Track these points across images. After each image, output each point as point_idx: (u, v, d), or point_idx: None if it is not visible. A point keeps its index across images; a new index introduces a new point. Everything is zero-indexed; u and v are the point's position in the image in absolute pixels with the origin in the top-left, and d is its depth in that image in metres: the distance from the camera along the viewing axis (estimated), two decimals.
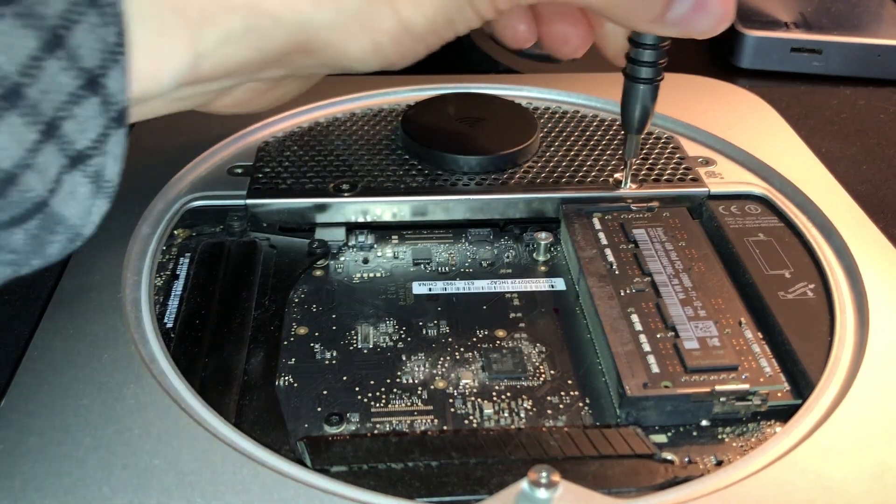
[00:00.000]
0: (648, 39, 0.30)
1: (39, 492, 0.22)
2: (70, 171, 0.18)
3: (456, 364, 0.29)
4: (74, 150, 0.18)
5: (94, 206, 0.19)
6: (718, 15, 0.27)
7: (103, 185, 0.19)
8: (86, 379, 0.25)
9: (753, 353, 0.27)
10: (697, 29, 0.27)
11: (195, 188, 0.35)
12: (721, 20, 0.27)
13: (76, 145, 0.18)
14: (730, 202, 0.35)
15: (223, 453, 0.23)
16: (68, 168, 0.18)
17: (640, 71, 0.30)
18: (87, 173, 0.19)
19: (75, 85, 0.18)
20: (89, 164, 0.19)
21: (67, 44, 0.18)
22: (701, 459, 0.25)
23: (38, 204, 0.18)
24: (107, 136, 0.19)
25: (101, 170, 0.19)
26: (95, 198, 0.19)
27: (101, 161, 0.19)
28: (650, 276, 0.30)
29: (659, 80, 0.31)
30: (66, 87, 0.18)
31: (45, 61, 0.17)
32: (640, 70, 0.30)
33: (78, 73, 0.18)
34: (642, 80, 0.31)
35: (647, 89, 0.31)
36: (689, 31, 0.27)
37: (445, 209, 0.35)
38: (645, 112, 0.32)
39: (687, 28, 0.27)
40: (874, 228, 0.33)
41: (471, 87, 0.43)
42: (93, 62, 0.18)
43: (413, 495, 0.23)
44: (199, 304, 0.30)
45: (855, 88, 0.52)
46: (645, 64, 0.30)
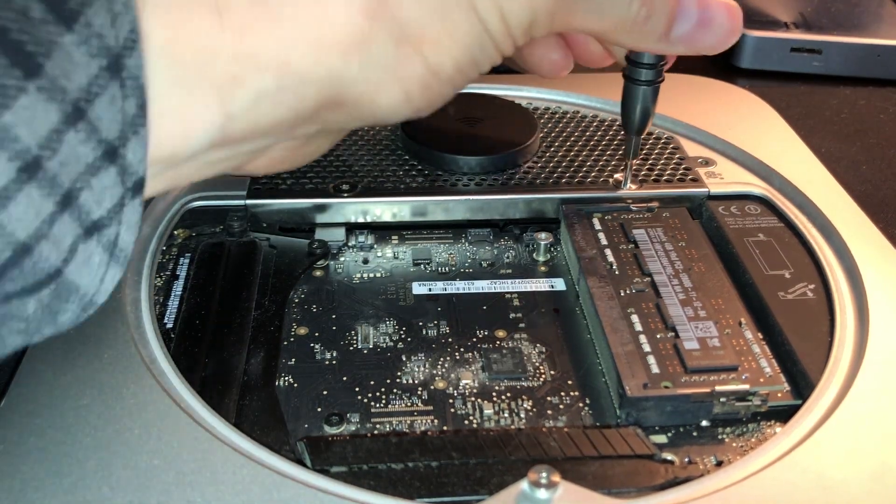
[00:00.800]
0: None
1: (39, 492, 0.22)
2: (85, 241, 0.18)
3: (456, 364, 0.29)
4: (90, 220, 0.18)
5: (107, 274, 0.19)
6: (725, 29, 0.27)
7: (117, 253, 0.19)
8: (86, 379, 0.25)
9: (753, 354, 0.27)
10: (704, 45, 0.27)
11: (195, 188, 0.35)
12: (728, 35, 0.27)
13: (92, 215, 0.18)
14: (730, 202, 0.35)
15: (223, 453, 0.23)
16: (83, 238, 0.18)
17: (640, 73, 0.30)
18: (102, 242, 0.19)
19: (94, 156, 0.18)
20: (104, 233, 0.19)
21: (88, 116, 0.17)
22: (701, 460, 0.25)
23: (51, 274, 0.18)
24: (122, 205, 0.19)
25: (115, 239, 0.19)
26: (109, 266, 0.19)
27: (116, 230, 0.19)
28: (650, 277, 0.30)
29: (659, 82, 0.31)
30: (85, 158, 0.18)
31: (66, 134, 0.17)
32: (640, 72, 0.30)
33: (97, 144, 0.18)
34: (642, 82, 0.31)
35: (647, 91, 0.31)
36: (696, 48, 0.27)
37: (445, 209, 0.35)
38: (645, 113, 0.32)
39: (693, 45, 0.27)
40: (874, 228, 0.33)
41: (471, 87, 0.43)
42: (112, 133, 0.18)
43: (413, 495, 0.23)
44: (199, 304, 0.30)
45: (855, 88, 0.52)
46: (645, 66, 0.30)
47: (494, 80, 0.44)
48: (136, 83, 0.18)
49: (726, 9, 0.27)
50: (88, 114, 0.17)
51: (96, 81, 0.17)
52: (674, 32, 0.27)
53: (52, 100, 0.17)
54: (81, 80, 0.17)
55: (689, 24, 0.27)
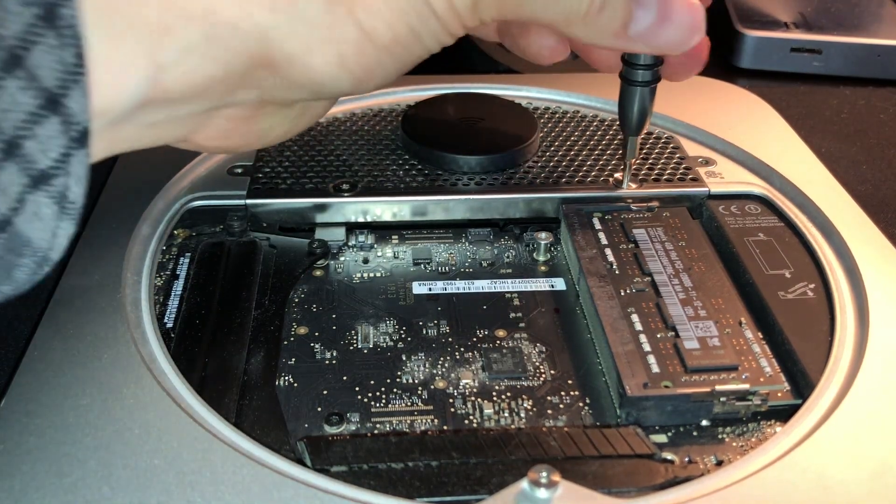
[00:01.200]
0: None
1: (39, 492, 0.22)
2: (33, 192, 0.19)
3: (456, 364, 0.29)
4: (37, 169, 0.18)
5: (59, 227, 0.19)
6: (686, 25, 0.26)
7: (67, 206, 0.19)
8: (86, 379, 0.25)
9: (753, 353, 0.27)
10: (664, 43, 0.26)
11: (195, 188, 0.35)
12: (690, 31, 0.26)
13: (38, 165, 0.18)
14: (730, 202, 0.35)
15: (223, 453, 0.23)
16: (31, 188, 0.18)
17: (637, 74, 0.30)
18: (51, 194, 0.19)
19: (35, 104, 0.18)
20: (52, 183, 0.19)
21: (26, 64, 0.18)
22: (701, 459, 0.25)
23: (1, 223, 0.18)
24: (69, 156, 0.19)
25: (64, 191, 0.19)
26: (60, 220, 0.19)
27: (65, 182, 0.19)
28: (650, 276, 0.30)
29: (656, 83, 0.31)
30: (26, 106, 0.18)
31: (4, 80, 0.17)
32: (636, 73, 0.30)
33: (38, 92, 0.18)
34: (639, 83, 0.31)
35: (644, 91, 0.31)
36: (655, 45, 0.26)
37: (445, 209, 0.35)
38: (642, 114, 0.32)
39: (652, 43, 0.26)
40: (874, 228, 0.33)
41: (471, 87, 0.43)
42: (52, 82, 0.18)
43: (413, 495, 0.23)
44: (199, 304, 0.30)
45: (855, 88, 0.52)
46: (641, 67, 0.30)
47: (494, 80, 0.44)
48: (73, 32, 0.18)
49: (688, 5, 0.26)
50: (26, 61, 0.18)
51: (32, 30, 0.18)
52: (632, 28, 0.25)
53: None
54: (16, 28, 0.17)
55: (648, 19, 0.25)
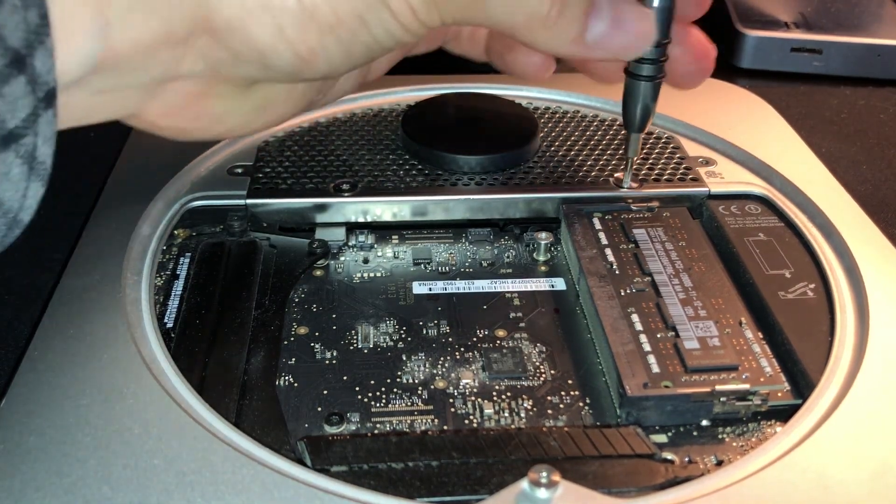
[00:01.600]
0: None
1: (39, 492, 0.22)
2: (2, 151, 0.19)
3: (456, 364, 0.29)
4: (5, 128, 0.19)
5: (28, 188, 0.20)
6: (636, 32, 0.27)
7: (37, 166, 0.20)
8: (86, 379, 0.25)
9: (753, 353, 0.27)
10: (618, 47, 0.27)
11: (195, 188, 0.35)
12: (641, 38, 0.27)
13: (7, 124, 0.19)
14: (730, 202, 0.35)
15: (223, 453, 0.23)
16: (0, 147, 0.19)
17: (642, 68, 0.30)
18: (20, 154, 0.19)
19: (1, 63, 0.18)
20: (21, 143, 0.19)
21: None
22: (701, 459, 0.25)
23: None
24: (37, 115, 0.19)
25: (33, 150, 0.19)
26: (30, 180, 0.20)
27: (33, 141, 0.19)
28: (650, 276, 0.30)
29: (661, 78, 0.31)
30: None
31: None
32: (641, 67, 0.30)
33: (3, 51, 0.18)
34: (643, 77, 0.31)
35: (648, 87, 0.31)
36: (610, 51, 0.27)
37: (445, 209, 0.35)
38: (646, 110, 0.32)
39: (608, 48, 0.27)
40: (874, 228, 0.33)
41: (471, 87, 0.43)
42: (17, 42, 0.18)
43: (413, 495, 0.23)
44: (199, 303, 0.30)
45: (855, 88, 0.52)
46: (646, 61, 0.30)
47: (494, 80, 0.44)
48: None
49: (638, 13, 0.27)
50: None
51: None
52: (588, 34, 0.26)
53: None
54: None
55: (603, 25, 0.26)
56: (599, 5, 0.26)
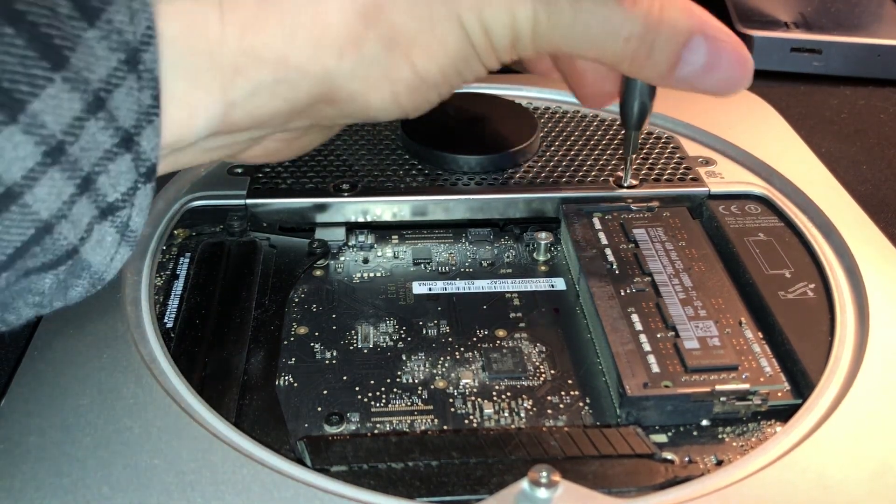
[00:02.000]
0: None
1: (39, 492, 0.22)
2: (100, 222, 0.20)
3: (456, 364, 0.29)
4: (106, 202, 0.20)
5: (117, 253, 0.21)
6: (733, 74, 0.26)
7: (128, 234, 0.21)
8: (86, 379, 0.25)
9: (753, 353, 0.27)
10: (708, 88, 0.26)
11: (195, 188, 0.35)
12: (737, 80, 0.26)
13: (108, 198, 0.20)
14: (730, 202, 0.35)
15: (223, 453, 0.23)
16: (99, 219, 0.20)
17: None
18: (116, 224, 0.20)
19: (112, 143, 0.19)
20: (118, 215, 0.20)
21: (107, 106, 0.19)
22: (701, 459, 0.25)
23: (69, 252, 0.20)
24: (136, 189, 0.20)
25: (127, 220, 0.21)
26: (120, 246, 0.21)
27: (129, 213, 0.21)
28: (650, 276, 0.30)
29: None
30: (104, 144, 0.19)
31: (87, 121, 0.19)
32: None
33: (115, 132, 0.19)
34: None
35: (645, 85, 0.31)
36: (699, 89, 0.27)
37: (445, 209, 0.35)
38: (643, 108, 0.31)
39: (697, 87, 0.26)
40: (874, 228, 0.33)
41: (471, 87, 0.43)
42: (129, 122, 0.20)
43: (413, 495, 0.23)
44: (199, 303, 0.30)
45: (855, 88, 0.52)
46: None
47: (494, 80, 0.44)
48: (152, 76, 0.20)
49: (737, 56, 0.26)
50: (108, 103, 0.19)
51: (115, 74, 0.19)
52: (678, 72, 0.26)
53: (75, 90, 0.18)
54: (102, 73, 0.19)
55: (696, 66, 0.26)
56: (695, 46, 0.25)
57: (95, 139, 0.19)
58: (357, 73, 0.23)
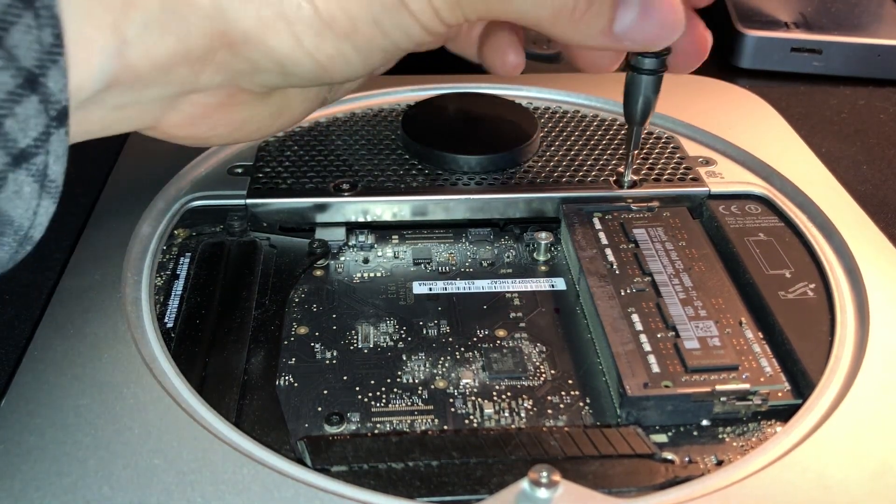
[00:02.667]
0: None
1: (39, 492, 0.22)
2: (14, 170, 0.19)
3: (456, 364, 0.29)
4: (17, 148, 0.19)
5: (39, 206, 0.20)
6: (666, 21, 0.26)
7: (48, 184, 0.20)
8: (86, 379, 0.25)
9: (754, 353, 0.27)
10: (647, 38, 0.26)
11: (195, 188, 0.35)
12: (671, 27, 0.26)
13: (19, 143, 0.19)
14: (730, 202, 0.35)
15: (223, 453, 0.23)
16: (11, 166, 0.19)
17: (644, 62, 0.30)
18: (32, 172, 0.19)
19: (14, 84, 0.18)
20: (33, 162, 0.19)
21: (4, 44, 0.18)
22: (701, 459, 0.25)
23: None
24: (48, 134, 0.19)
25: (44, 169, 0.19)
26: (41, 198, 0.20)
27: (44, 160, 0.19)
28: (650, 276, 0.30)
29: (662, 71, 0.31)
30: (5, 85, 0.18)
31: None
32: (643, 61, 0.30)
33: (16, 72, 0.18)
34: (646, 70, 0.31)
35: (650, 80, 0.31)
36: (639, 42, 0.27)
37: (445, 209, 0.35)
38: (647, 104, 0.31)
39: (637, 39, 0.26)
40: (874, 228, 0.33)
41: (471, 87, 0.43)
42: (30, 62, 0.18)
43: (413, 495, 0.23)
44: (199, 303, 0.30)
45: (855, 88, 0.52)
46: (649, 54, 0.30)
47: (495, 80, 0.44)
48: (50, 12, 0.19)
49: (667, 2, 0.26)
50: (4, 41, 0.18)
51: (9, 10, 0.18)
52: (616, 26, 0.26)
53: None
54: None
55: (632, 15, 0.26)
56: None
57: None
58: (249, 7, 0.22)
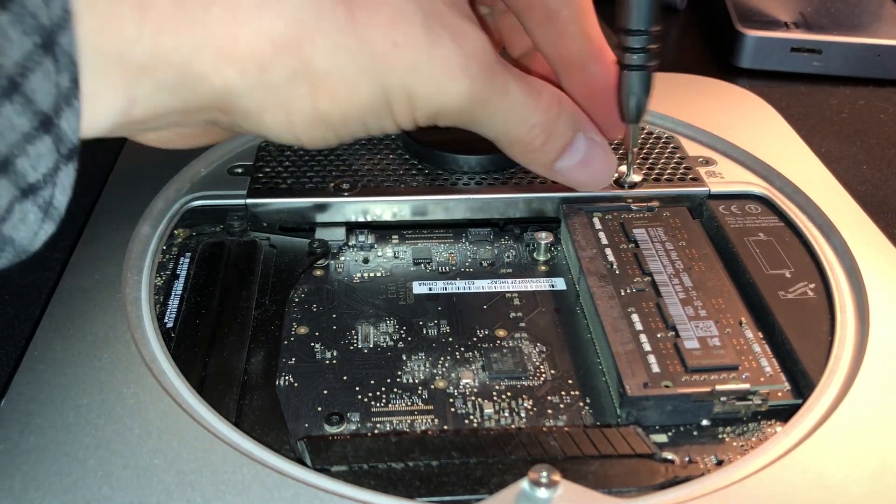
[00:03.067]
0: (635, 25, 0.29)
1: (39, 492, 0.22)
2: (21, 201, 0.20)
3: (456, 364, 0.29)
4: (26, 182, 0.20)
5: (41, 229, 0.21)
6: (599, 175, 0.31)
7: (51, 211, 0.21)
8: (86, 379, 0.25)
9: (754, 353, 0.27)
10: (577, 182, 0.31)
11: (195, 188, 0.35)
12: (598, 181, 0.32)
13: (28, 179, 0.20)
14: (730, 202, 0.35)
15: (223, 453, 0.23)
16: (20, 198, 0.20)
17: (631, 58, 0.30)
18: (38, 203, 0.20)
19: (30, 126, 0.19)
20: (40, 194, 0.20)
21: (23, 90, 0.19)
22: (701, 459, 0.25)
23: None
24: (57, 170, 0.20)
25: (50, 199, 0.20)
26: (44, 223, 0.21)
27: (51, 192, 0.20)
28: (650, 276, 0.30)
29: (651, 66, 0.30)
30: (21, 127, 0.19)
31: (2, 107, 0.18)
32: (630, 57, 0.30)
33: (33, 115, 0.19)
34: (634, 67, 0.30)
35: (638, 76, 0.31)
36: (569, 182, 0.31)
37: (445, 209, 0.35)
38: (639, 102, 0.31)
39: (568, 180, 0.31)
40: (874, 228, 0.33)
41: None
42: (47, 105, 0.19)
43: (413, 495, 0.23)
44: (199, 303, 0.30)
45: (855, 88, 0.52)
46: (635, 51, 0.30)
47: None
48: (69, 59, 0.19)
49: (605, 156, 0.31)
50: (23, 87, 0.19)
51: (31, 57, 0.19)
52: (557, 164, 0.30)
53: None
54: (16, 57, 0.18)
55: (573, 161, 0.30)
56: (576, 143, 0.30)
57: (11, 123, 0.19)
58: (254, 94, 0.23)
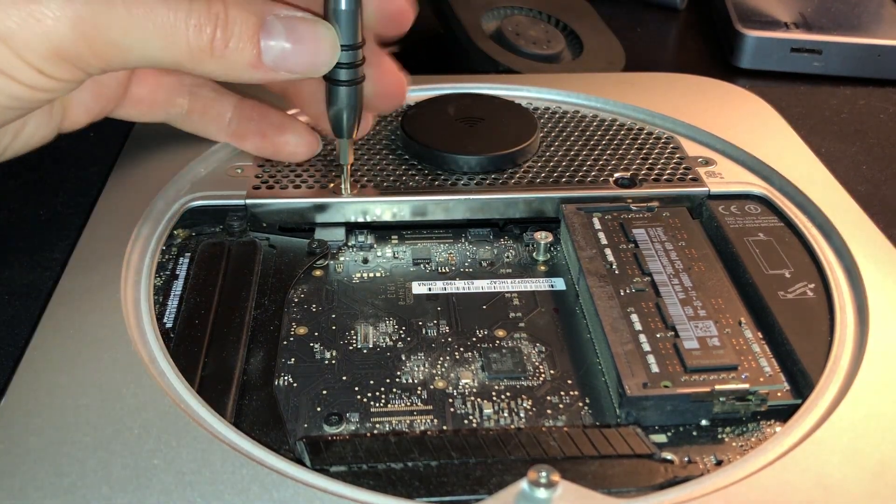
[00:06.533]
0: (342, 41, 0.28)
1: (39, 492, 0.22)
2: None
3: (456, 364, 0.29)
4: None
5: None
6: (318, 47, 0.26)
7: None
8: (86, 379, 0.25)
9: (753, 353, 0.27)
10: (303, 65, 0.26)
11: (195, 188, 0.35)
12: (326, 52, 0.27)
13: None
14: (730, 202, 0.35)
15: (223, 453, 0.23)
16: None
17: (339, 73, 0.30)
18: None
19: None
20: None
21: None
22: (701, 459, 0.25)
23: None
24: None
25: None
26: None
27: None
28: (650, 276, 0.30)
29: (359, 82, 0.31)
30: None
31: None
32: (337, 72, 0.30)
33: None
34: (342, 82, 0.30)
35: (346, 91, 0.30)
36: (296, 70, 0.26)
37: (445, 209, 0.35)
38: (349, 115, 0.31)
39: (292, 67, 0.26)
40: (874, 228, 0.33)
41: (471, 87, 0.43)
42: None
43: (413, 495, 0.23)
44: (198, 303, 0.30)
45: (855, 88, 0.52)
46: (342, 66, 0.30)
47: (495, 80, 0.44)
48: None
49: (314, 27, 0.26)
50: None
51: None
52: (265, 57, 0.26)
53: None
54: None
55: (279, 45, 0.26)
56: (270, 25, 0.25)
57: None
58: None
